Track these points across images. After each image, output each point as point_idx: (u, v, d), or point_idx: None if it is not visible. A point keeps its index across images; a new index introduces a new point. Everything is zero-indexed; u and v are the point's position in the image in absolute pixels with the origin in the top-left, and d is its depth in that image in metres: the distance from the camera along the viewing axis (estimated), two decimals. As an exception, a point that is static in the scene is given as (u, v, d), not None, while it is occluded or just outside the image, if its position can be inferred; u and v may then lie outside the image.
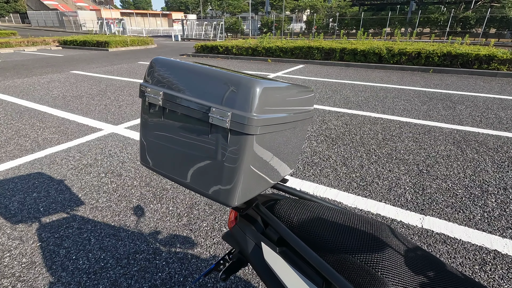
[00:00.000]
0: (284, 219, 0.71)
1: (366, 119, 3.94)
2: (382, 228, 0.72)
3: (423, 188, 2.31)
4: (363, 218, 0.74)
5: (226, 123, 0.55)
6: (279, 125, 0.66)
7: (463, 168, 2.62)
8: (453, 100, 4.89)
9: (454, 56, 7.54)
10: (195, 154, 0.63)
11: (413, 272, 0.60)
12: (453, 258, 1.63)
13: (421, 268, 0.62)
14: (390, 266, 0.58)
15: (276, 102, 0.63)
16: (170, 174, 0.69)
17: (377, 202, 2.14)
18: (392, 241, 0.67)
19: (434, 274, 0.61)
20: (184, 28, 24.86)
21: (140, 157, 0.76)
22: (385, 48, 8.26)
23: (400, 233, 0.75)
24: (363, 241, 0.63)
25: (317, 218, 0.70)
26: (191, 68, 0.63)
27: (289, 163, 0.88)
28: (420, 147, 3.07)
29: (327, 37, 18.38)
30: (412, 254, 0.66)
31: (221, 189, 0.61)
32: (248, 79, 0.57)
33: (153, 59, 0.69)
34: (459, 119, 3.93)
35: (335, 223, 0.69)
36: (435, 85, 6.06)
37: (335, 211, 0.76)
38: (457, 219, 1.95)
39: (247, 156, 0.59)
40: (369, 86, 6.03)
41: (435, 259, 0.67)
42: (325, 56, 9.29)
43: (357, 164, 2.70)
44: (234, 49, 10.72)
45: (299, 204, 0.77)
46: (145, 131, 0.71)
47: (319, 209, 0.75)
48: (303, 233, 0.66)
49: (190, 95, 0.61)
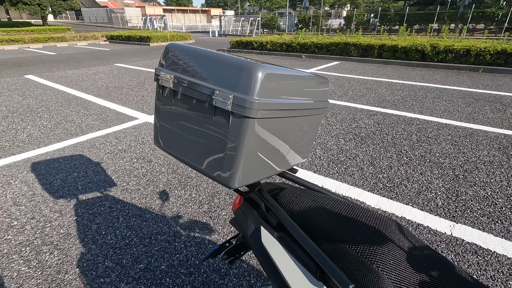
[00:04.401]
0: (285, 206, 0.71)
1: (401, 119, 3.73)
2: (388, 223, 0.69)
3: (457, 195, 2.15)
4: (369, 212, 0.72)
5: (228, 105, 0.57)
6: (284, 111, 0.66)
7: (507, 176, 2.39)
8: (503, 103, 4.44)
9: (510, 54, 6.82)
10: (200, 136, 0.66)
11: (414, 269, 0.57)
12: (484, 271, 1.50)
13: (424, 266, 0.59)
14: (388, 260, 0.56)
15: (281, 88, 0.63)
16: (178, 154, 0.73)
17: (403, 205, 2.03)
18: (395, 237, 0.64)
19: (438, 274, 0.58)
20: (221, 24, 25.33)
21: (154, 138, 0.81)
22: (429, 45, 7.71)
23: (408, 230, 0.72)
24: (363, 233, 0.62)
25: (319, 208, 0.70)
26: (201, 53, 0.65)
27: (299, 153, 0.88)
28: (459, 151, 2.85)
29: (367, 34, 17.57)
30: (416, 252, 0.63)
31: (223, 170, 0.63)
32: (251, 63, 0.58)
33: (168, 44, 0.73)
34: (509, 123, 3.56)
35: (337, 214, 0.68)
36: (484, 86, 5.55)
37: (341, 203, 0.74)
38: (494, 230, 1.79)
39: (248, 139, 0.60)
40: (408, 84, 5.69)
41: (443, 260, 0.64)
42: (362, 53, 8.92)
43: (385, 164, 2.59)
44: (268, 44, 10.71)
45: (304, 193, 0.77)
46: (158, 113, 0.76)
47: (323, 200, 0.74)
48: (303, 220, 0.66)
49: (197, 79, 0.63)
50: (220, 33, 25.02)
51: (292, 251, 0.63)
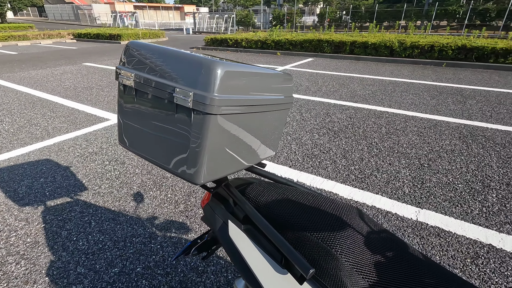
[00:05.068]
0: (252, 199, 0.73)
1: (371, 113, 3.89)
2: (349, 210, 0.73)
3: (422, 182, 2.28)
4: (332, 201, 0.76)
5: (188, 102, 0.58)
6: (247, 107, 0.68)
7: (467, 163, 2.57)
8: (464, 95, 4.75)
9: (469, 50, 7.29)
10: (165, 133, 0.66)
11: (370, 251, 0.61)
12: (445, 251, 1.62)
13: (380, 248, 0.63)
14: (346, 245, 0.60)
15: (242, 84, 0.65)
16: (144, 153, 0.72)
17: (373, 194, 2.13)
18: (355, 222, 0.68)
19: (392, 254, 0.63)
20: (195, 21, 24.91)
21: (118, 138, 0.80)
22: (397, 41, 8.06)
23: (368, 216, 0.76)
24: (324, 221, 0.66)
25: (284, 199, 0.72)
26: (162, 51, 0.66)
27: (267, 148, 0.91)
28: (424, 141, 3.02)
29: (339, 31, 18.03)
30: (373, 236, 0.67)
31: (188, 167, 0.64)
32: (210, 61, 0.59)
33: (129, 42, 0.72)
34: (468, 114, 3.82)
35: (301, 204, 0.71)
36: (447, 79, 5.90)
37: (305, 194, 0.78)
38: (454, 213, 1.93)
39: (211, 136, 0.61)
40: (378, 80, 5.93)
41: (398, 241, 0.69)
42: (335, 49, 9.15)
43: (357, 157, 2.69)
44: (243, 42, 10.69)
45: (271, 187, 0.80)
46: (121, 112, 0.75)
47: (289, 192, 0.77)
48: (269, 212, 0.69)
49: (158, 77, 0.64)
50: (195, 30, 24.60)
51: (259, 242, 0.65)
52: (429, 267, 0.61)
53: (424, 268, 0.62)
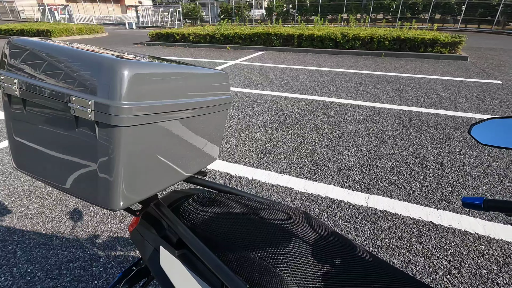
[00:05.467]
0: (188, 217, 0.64)
1: (321, 104, 4.00)
2: (296, 216, 0.69)
3: (370, 168, 2.40)
4: (278, 207, 0.71)
5: (89, 114, 0.47)
6: (172, 113, 0.58)
7: (407, 147, 2.77)
8: (401, 82, 5.15)
9: (403, 40, 7.94)
10: (66, 152, 0.54)
11: (318, 262, 0.57)
12: (393, 233, 1.71)
13: (328, 256, 0.59)
14: (291, 260, 0.55)
15: (161, 87, 0.55)
16: (45, 178, 0.59)
17: (326, 185, 2.18)
18: (302, 230, 0.64)
19: (341, 262, 0.59)
20: (138, 15, 23.36)
21: (12, 161, 0.64)
22: (340, 34, 8.45)
23: (316, 219, 0.73)
24: (268, 234, 0.59)
25: (225, 213, 0.65)
26: (52, 49, 0.52)
27: (206, 154, 0.82)
28: (369, 128, 3.19)
29: (287, 24, 18.40)
30: (321, 242, 0.63)
31: (100, 191, 0.53)
32: (113, 60, 0.48)
33: (9, 39, 0.57)
34: (405, 100, 4.15)
35: (244, 217, 0.65)
36: (386, 69, 6.35)
37: (250, 203, 0.71)
38: (399, 196, 2.06)
39: (125, 151, 0.51)
40: (325, 71, 6.15)
41: (347, 244, 0.66)
42: (284, 42, 9.29)
43: (309, 149, 2.73)
44: (191, 36, 10.30)
45: (211, 199, 0.71)
46: (11, 129, 0.60)
47: (231, 202, 0.70)
48: (206, 232, 0.61)
49: (48, 82, 0.51)
50: (138, 25, 23.07)
51: (195, 269, 0.57)
52: (378, 269, 0.59)
53: (374, 270, 0.59)
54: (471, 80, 5.28)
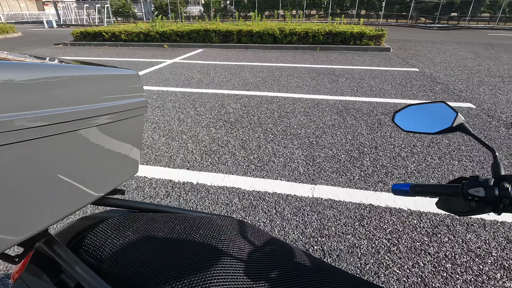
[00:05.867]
0: (93, 252, 0.52)
1: (264, 99, 4.02)
2: (228, 229, 0.61)
3: (314, 159, 2.47)
4: (208, 222, 0.63)
5: None
6: (55, 126, 0.46)
7: (345, 134, 2.92)
8: (336, 74, 5.46)
9: (335, 34, 8.46)
10: None
11: (253, 280, 0.51)
12: (338, 220, 1.76)
13: (266, 268, 0.54)
14: (222, 285, 0.47)
15: (33, 95, 0.42)
16: None
17: (273, 180, 2.17)
18: (235, 245, 0.57)
19: (279, 272, 0.54)
20: (58, 12, 20.81)
21: None
22: (277, 29, 8.64)
23: (252, 227, 0.66)
24: (194, 259, 0.51)
25: (142, 239, 0.54)
26: None
27: (120, 169, 0.69)
28: (310, 120, 3.30)
29: (226, 20, 18.27)
30: (258, 254, 0.57)
31: None
32: None
33: None
34: (341, 91, 4.40)
35: (166, 240, 0.55)
36: (322, 62, 6.68)
37: (175, 220, 0.62)
38: (341, 183, 2.14)
39: None
40: (266, 66, 6.22)
41: (285, 250, 0.61)
42: (223, 39, 9.16)
43: (255, 145, 2.71)
44: (122, 35, 9.52)
45: (125, 223, 0.60)
46: None
47: (151, 224, 0.60)
48: (115, 267, 0.50)
49: None
50: (60, 23, 20.57)
51: None
52: (314, 271, 0.55)
53: (312, 274, 0.55)
54: (394, 69, 5.86)
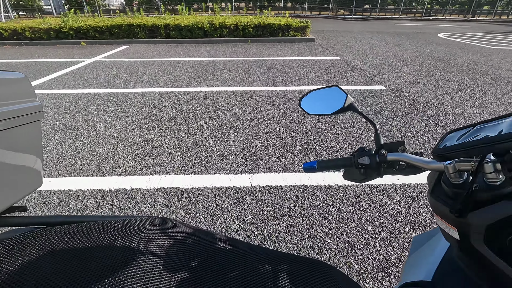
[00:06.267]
0: None
1: (198, 95, 3.95)
2: (148, 229, 0.61)
3: (250, 149, 2.54)
4: (126, 225, 0.61)
5: None
6: None
7: (278, 123, 3.07)
8: (267, 65, 5.65)
9: (264, 27, 8.69)
10: None
11: (171, 272, 0.52)
12: (276, 204, 1.87)
13: (186, 262, 0.55)
14: None
15: None
16: None
17: (212, 175, 2.17)
18: (155, 244, 0.57)
19: (199, 261, 0.55)
20: None
21: None
22: (207, 22, 8.50)
23: (175, 222, 0.67)
24: (101, 271, 0.49)
25: (44, 257, 0.51)
26: None
27: (19, 183, 0.63)
28: (245, 112, 3.37)
29: (151, 14, 17.20)
30: (178, 248, 0.58)
31: None
32: None
33: None
34: (273, 81, 4.58)
35: (74, 251, 0.52)
36: (254, 54, 6.83)
37: (85, 229, 0.58)
38: (277, 169, 2.26)
39: None
40: (199, 61, 6.09)
41: (208, 240, 0.63)
42: (150, 34, 8.64)
43: (191, 142, 2.66)
44: (27, 32, 8.24)
45: (25, 241, 0.55)
46: None
47: (58, 237, 0.56)
48: None
49: None
50: None
51: None
52: (235, 253, 0.59)
53: (234, 257, 0.59)
54: (319, 58, 6.31)
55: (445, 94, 3.97)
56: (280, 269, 0.58)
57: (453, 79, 4.72)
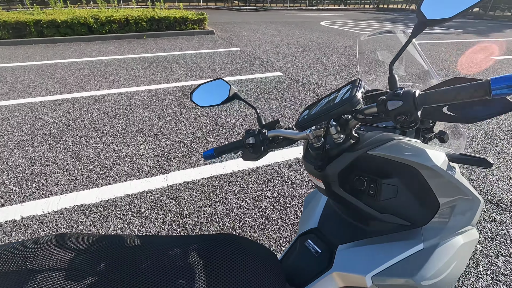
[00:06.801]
0: None
1: (92, 100, 3.54)
2: (42, 249, 0.58)
3: (162, 149, 2.47)
4: (16, 249, 0.56)
5: None
6: None
7: (187, 118, 3.05)
8: (168, 61, 5.44)
9: (159, 20, 8.25)
10: None
11: (76, 282, 0.52)
12: (195, 198, 1.90)
13: (87, 269, 0.55)
14: None
15: None
16: None
17: (122, 183, 2.04)
18: (52, 262, 0.55)
19: (105, 266, 0.57)
20: None
21: None
22: (90, 17, 7.53)
23: (75, 235, 0.65)
24: None
25: None
26: None
27: None
28: (151, 112, 3.22)
29: (12, 8, 14.09)
30: (80, 258, 0.57)
31: None
32: None
33: None
34: (176, 77, 4.46)
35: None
36: (152, 50, 6.45)
37: None
38: (192, 164, 2.28)
39: None
40: (87, 61, 5.40)
41: (113, 242, 0.64)
42: (15, 33, 7.12)
43: (92, 152, 2.41)
44: None
45: None
46: None
47: None
48: None
49: None
50: None
51: None
52: (147, 249, 0.62)
53: (142, 252, 0.61)
54: (221, 50, 6.42)
55: (330, 75, 4.64)
56: (190, 249, 0.64)
57: (334, 61, 5.53)
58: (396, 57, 0.55)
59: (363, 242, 0.67)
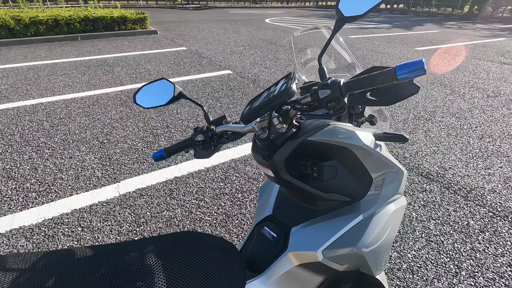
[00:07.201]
0: None
1: (22, 111, 3.17)
2: None
3: (110, 158, 2.33)
4: None
5: None
6: None
7: (136, 123, 2.91)
8: (109, 64, 5.09)
9: (94, 21, 7.63)
10: None
11: None
12: (151, 204, 1.84)
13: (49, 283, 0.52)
14: None
15: None
16: None
17: (68, 198, 1.88)
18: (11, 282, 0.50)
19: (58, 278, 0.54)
20: None
21: None
22: (10, 18, 6.67)
23: (12, 256, 0.60)
24: None
25: None
26: None
27: None
28: (94, 119, 2.99)
29: None
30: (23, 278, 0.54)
31: None
32: None
33: None
34: (120, 80, 4.20)
35: None
36: (89, 52, 5.96)
37: None
38: (144, 169, 2.19)
39: None
40: (11, 68, 4.79)
41: (64, 256, 0.60)
42: None
43: (28, 169, 2.17)
44: None
45: None
46: None
47: None
48: None
49: None
50: None
51: None
52: (100, 259, 0.60)
53: (95, 262, 0.59)
54: (166, 50, 6.20)
55: (277, 70, 4.79)
56: (146, 251, 0.63)
57: (281, 57, 5.72)
58: (322, 51, 0.61)
59: (313, 221, 0.73)
